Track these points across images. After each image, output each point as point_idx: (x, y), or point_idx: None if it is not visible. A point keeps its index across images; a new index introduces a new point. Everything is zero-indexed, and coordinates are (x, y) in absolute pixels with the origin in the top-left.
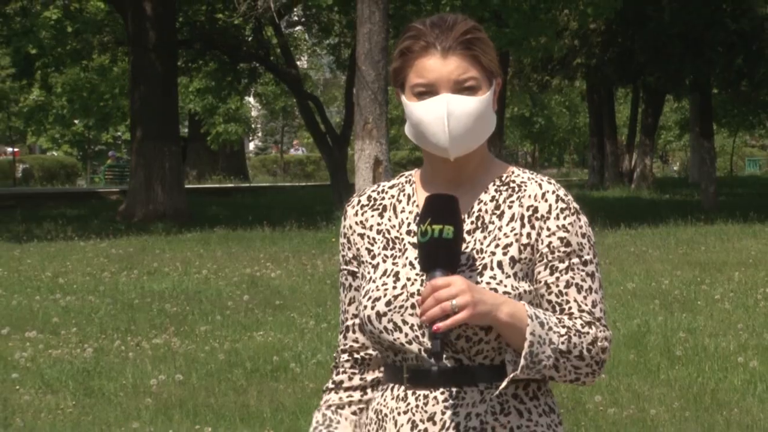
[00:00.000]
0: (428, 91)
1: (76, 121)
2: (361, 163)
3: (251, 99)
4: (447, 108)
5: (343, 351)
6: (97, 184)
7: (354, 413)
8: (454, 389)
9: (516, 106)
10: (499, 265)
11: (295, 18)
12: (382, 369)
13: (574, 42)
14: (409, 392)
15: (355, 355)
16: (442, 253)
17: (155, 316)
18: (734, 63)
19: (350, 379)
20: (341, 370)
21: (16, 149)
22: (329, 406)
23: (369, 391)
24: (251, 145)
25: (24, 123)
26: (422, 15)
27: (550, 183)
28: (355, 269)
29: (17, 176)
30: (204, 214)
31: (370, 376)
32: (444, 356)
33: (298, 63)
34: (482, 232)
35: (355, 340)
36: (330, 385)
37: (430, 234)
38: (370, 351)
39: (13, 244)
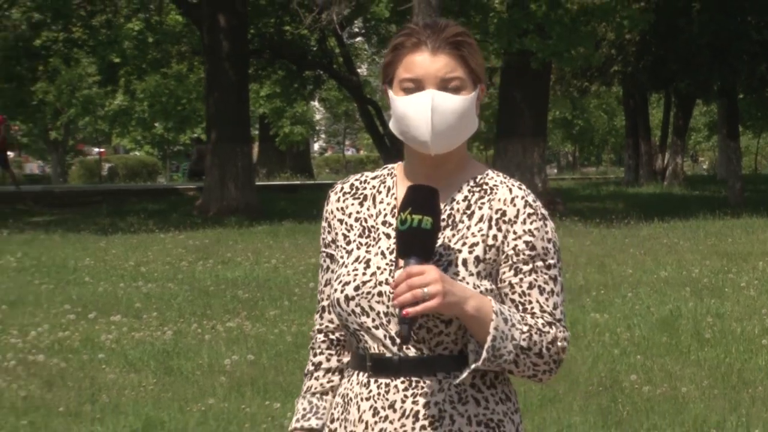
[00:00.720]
0: (415, 86)
1: (156, 124)
2: None
3: (316, 103)
4: (432, 103)
5: (319, 331)
6: (176, 182)
7: (335, 397)
8: (414, 378)
9: (558, 110)
10: (464, 262)
11: (356, 29)
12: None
13: (612, 51)
14: (372, 380)
15: (331, 336)
16: (418, 242)
17: (229, 301)
18: (758, 70)
19: (328, 360)
20: (318, 351)
21: (102, 150)
22: (313, 393)
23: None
24: (316, 146)
25: (109, 126)
26: (472, 28)
27: (520, 189)
28: (333, 252)
29: (103, 174)
30: (273, 208)
31: (345, 358)
32: (410, 341)
33: (358, 70)
34: (452, 230)
35: (331, 321)
36: (310, 367)
37: (409, 223)
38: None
39: (100, 236)
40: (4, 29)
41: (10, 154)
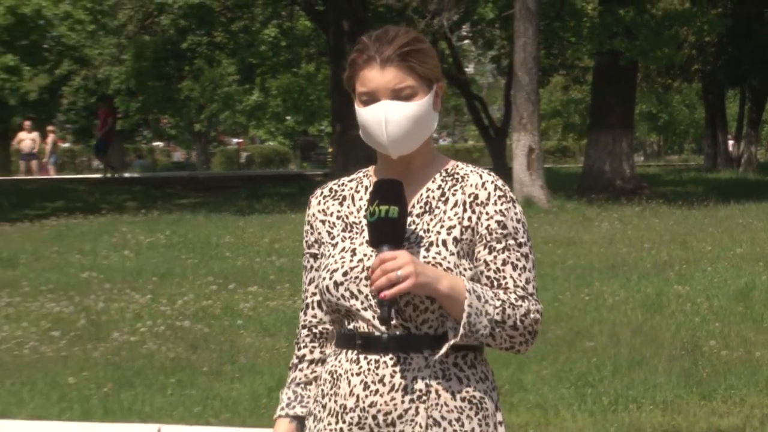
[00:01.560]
0: (370, 99)
1: (287, 118)
2: (517, 151)
3: None
4: (385, 114)
5: (303, 327)
6: (305, 168)
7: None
8: (401, 355)
9: (644, 105)
10: (444, 243)
11: (464, 33)
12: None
13: (692, 52)
14: (362, 356)
15: (314, 330)
16: (388, 231)
17: None
18: None
19: (311, 352)
20: (302, 345)
21: (240, 140)
22: (297, 383)
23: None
24: None
25: (246, 119)
26: (567, 31)
27: (489, 175)
28: (316, 252)
29: (241, 162)
30: None
31: (327, 350)
32: (393, 322)
33: (466, 70)
34: (429, 215)
35: (314, 316)
36: (294, 360)
37: (377, 214)
38: (327, 326)
39: (238, 217)
40: (155, 34)
41: (159, 143)
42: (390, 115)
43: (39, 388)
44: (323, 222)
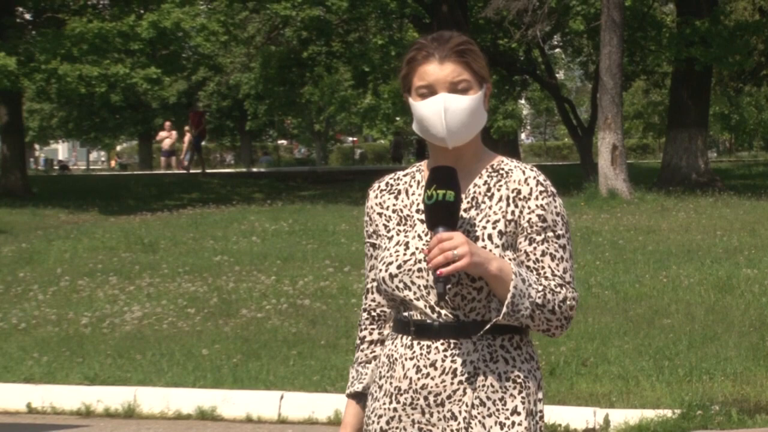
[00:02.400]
0: (429, 91)
1: (397, 118)
2: (603, 148)
3: (523, 101)
4: (444, 104)
5: (364, 310)
6: (411, 163)
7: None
8: (452, 340)
9: (717, 106)
10: (489, 237)
11: (555, 42)
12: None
13: (761, 59)
14: (415, 342)
15: (372, 313)
16: (444, 213)
17: None
18: None
19: (370, 333)
20: (363, 327)
21: (354, 139)
22: (359, 363)
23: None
24: (522, 135)
25: (360, 119)
26: (648, 40)
27: (532, 170)
28: (375, 242)
29: (355, 158)
30: None
31: (386, 331)
32: (446, 299)
33: (556, 75)
34: (476, 210)
35: (373, 300)
36: (357, 341)
37: (435, 197)
38: (385, 309)
39: (352, 207)
40: (280, 44)
41: (283, 142)
42: (449, 105)
43: (176, 358)
44: (380, 215)
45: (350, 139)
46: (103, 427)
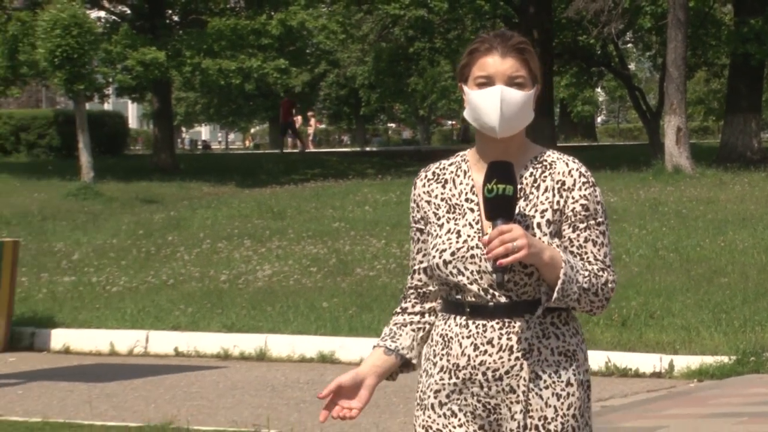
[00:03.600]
0: (487, 82)
1: None
2: (669, 130)
3: (599, 90)
4: (501, 95)
5: (410, 288)
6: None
7: (413, 330)
8: (506, 320)
9: None
10: (538, 225)
11: (628, 38)
12: (438, 301)
13: None
14: (470, 321)
15: (419, 290)
16: (503, 206)
17: None
18: None
19: (413, 306)
20: (407, 300)
21: (453, 122)
22: (395, 323)
23: (426, 316)
24: (598, 119)
25: (459, 105)
26: (709, 37)
27: (574, 162)
28: (422, 227)
29: (454, 139)
30: None
31: (427, 305)
32: (504, 287)
33: (629, 67)
34: (524, 200)
35: (420, 280)
36: (398, 309)
37: (495, 191)
38: (430, 288)
39: None
40: (390, 41)
41: (392, 125)
42: (505, 96)
43: (301, 310)
44: (428, 203)
45: (450, 122)
46: (239, 368)
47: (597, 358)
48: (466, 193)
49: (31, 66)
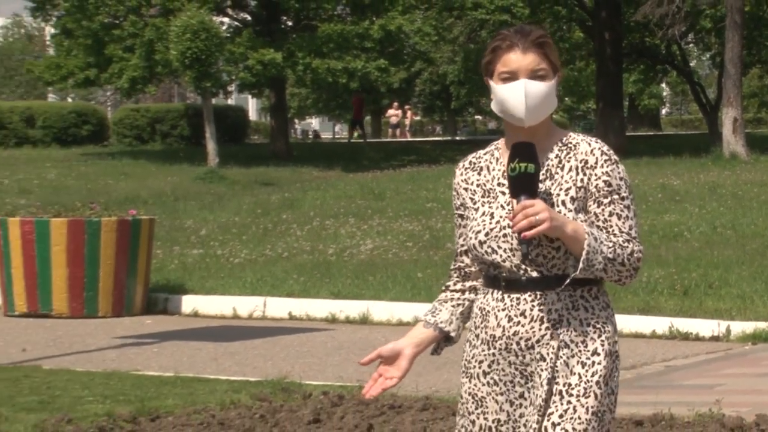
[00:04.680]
0: (511, 77)
1: (566, 99)
2: (726, 120)
3: (663, 85)
4: (525, 88)
5: (454, 269)
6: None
7: (452, 306)
8: (538, 292)
9: None
10: (563, 203)
11: (689, 39)
12: (479, 280)
13: None
14: (505, 295)
15: (461, 271)
16: (526, 183)
17: None
18: None
19: (455, 284)
20: (452, 279)
21: None
22: (438, 300)
23: (467, 293)
24: (663, 111)
25: None
26: (764, 38)
27: (597, 142)
28: (462, 213)
29: None
30: (635, 149)
31: (468, 284)
32: (530, 259)
33: (690, 65)
34: (550, 180)
35: (462, 261)
36: (443, 287)
37: (518, 170)
38: (472, 268)
39: None
40: (477, 43)
41: (479, 117)
42: (529, 89)
43: (398, 280)
44: (466, 189)
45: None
46: (344, 330)
47: (661, 324)
48: (498, 178)
49: (165, 66)
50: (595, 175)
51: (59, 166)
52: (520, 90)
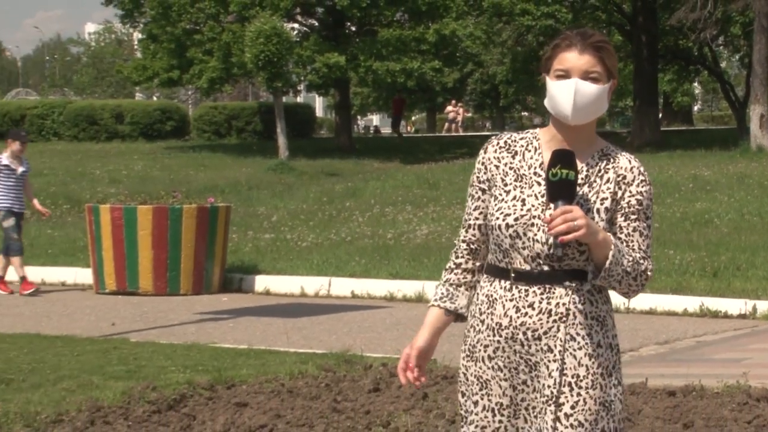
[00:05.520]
0: (565, 75)
1: None
2: (753, 116)
3: (696, 84)
4: (575, 87)
5: (463, 241)
6: (615, 128)
7: (467, 290)
8: (547, 286)
9: None
10: (598, 211)
11: (720, 42)
12: (487, 258)
13: None
14: (514, 286)
15: (471, 246)
16: (565, 189)
17: None
18: None
19: (466, 262)
20: (460, 255)
21: None
22: (451, 283)
23: (476, 274)
24: (695, 108)
25: None
26: None
27: (635, 161)
28: (485, 188)
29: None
30: (669, 143)
31: (478, 263)
32: (558, 257)
33: (720, 65)
34: (588, 187)
35: (473, 235)
36: (451, 265)
37: (559, 175)
38: (482, 244)
39: None
40: (524, 46)
41: (525, 113)
42: (579, 88)
43: None
44: (497, 167)
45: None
46: (402, 308)
47: (693, 303)
48: (535, 168)
49: (240, 68)
50: (630, 192)
51: (145, 158)
52: (570, 88)
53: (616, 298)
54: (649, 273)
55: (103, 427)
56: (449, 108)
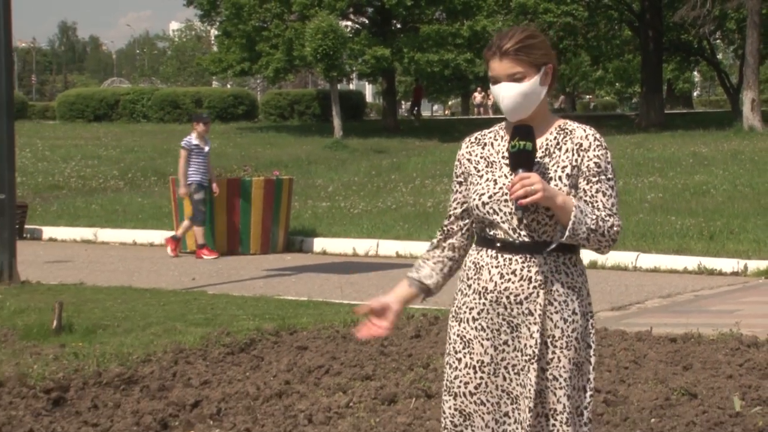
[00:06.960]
0: (495, 80)
1: (616, 84)
2: (746, 100)
3: (695, 72)
4: (501, 92)
5: (444, 226)
6: (625, 111)
7: (434, 263)
8: (528, 255)
9: None
10: (560, 178)
11: (717, 36)
12: (459, 239)
13: None
14: (499, 254)
15: (447, 232)
16: (524, 158)
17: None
18: None
19: (438, 242)
20: (437, 238)
21: (590, 96)
22: (425, 259)
23: (446, 251)
24: (695, 93)
25: (594, 85)
26: None
27: (590, 129)
28: (462, 180)
29: (590, 108)
30: (671, 124)
31: (448, 242)
32: (524, 224)
33: (717, 56)
34: (548, 158)
35: (452, 222)
36: (434, 242)
37: (518, 147)
38: (455, 228)
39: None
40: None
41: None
42: (505, 92)
43: None
44: (469, 160)
45: (587, 96)
46: None
47: (691, 262)
48: (502, 152)
49: (301, 59)
50: (588, 156)
51: (220, 137)
52: (499, 93)
53: (623, 258)
54: (615, 228)
55: (184, 366)
56: (475, 94)
